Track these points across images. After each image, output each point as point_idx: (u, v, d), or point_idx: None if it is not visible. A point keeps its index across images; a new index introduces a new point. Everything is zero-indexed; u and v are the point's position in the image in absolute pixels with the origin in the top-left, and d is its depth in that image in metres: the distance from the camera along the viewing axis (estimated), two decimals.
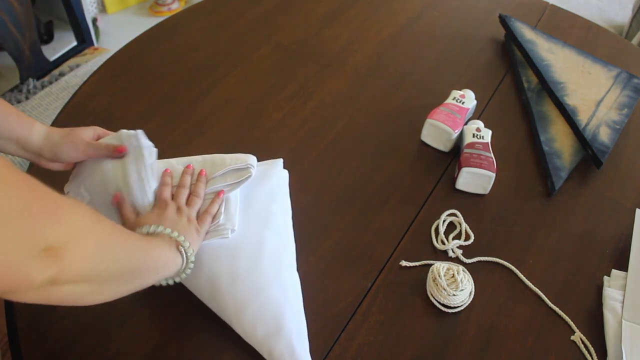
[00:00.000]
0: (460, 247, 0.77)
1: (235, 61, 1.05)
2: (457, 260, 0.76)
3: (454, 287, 0.69)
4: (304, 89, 1.00)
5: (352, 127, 0.94)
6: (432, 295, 0.70)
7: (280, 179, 0.77)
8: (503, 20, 1.15)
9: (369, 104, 0.99)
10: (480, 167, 0.82)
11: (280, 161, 0.79)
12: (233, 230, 0.66)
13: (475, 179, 0.83)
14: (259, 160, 0.75)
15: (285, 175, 0.79)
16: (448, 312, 0.70)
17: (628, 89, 1.04)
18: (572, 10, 1.34)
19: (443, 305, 0.70)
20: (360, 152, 0.90)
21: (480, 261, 0.76)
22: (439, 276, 0.70)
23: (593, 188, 0.89)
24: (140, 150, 0.67)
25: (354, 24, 1.17)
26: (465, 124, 0.91)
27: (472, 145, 0.85)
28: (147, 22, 2.24)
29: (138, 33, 1.10)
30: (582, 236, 0.81)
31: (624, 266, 0.76)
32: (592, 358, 0.67)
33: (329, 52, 1.09)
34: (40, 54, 1.74)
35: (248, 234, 0.68)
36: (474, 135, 0.87)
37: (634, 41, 1.92)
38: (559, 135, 0.94)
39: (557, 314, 0.71)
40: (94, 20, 2.17)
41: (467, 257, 0.76)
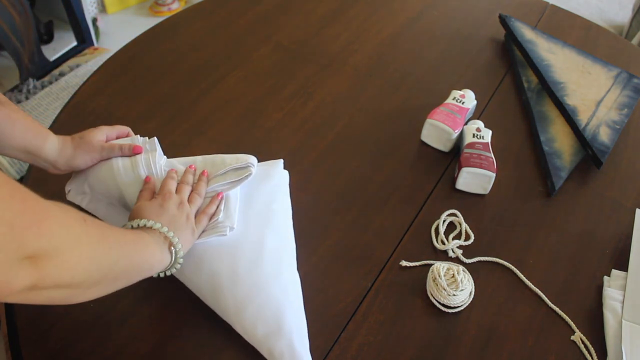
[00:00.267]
0: (460, 247, 0.77)
1: (235, 61, 1.05)
2: (457, 260, 0.76)
3: (454, 287, 0.69)
4: (304, 89, 1.00)
5: (352, 127, 0.94)
6: (432, 295, 0.71)
7: (281, 179, 0.77)
8: (503, 20, 1.15)
9: (369, 104, 0.99)
10: (480, 167, 0.82)
11: (281, 162, 0.79)
12: (232, 228, 0.66)
13: (475, 179, 0.83)
14: (259, 161, 0.75)
15: (285, 175, 0.79)
16: (448, 312, 0.70)
17: (628, 89, 1.04)
18: (572, 10, 1.34)
19: (443, 305, 0.70)
20: (360, 152, 0.90)
21: (480, 261, 0.76)
22: (439, 276, 0.70)
23: (593, 188, 0.89)
24: (153, 151, 0.69)
25: (354, 24, 1.17)
26: (465, 124, 0.91)
27: (472, 145, 0.85)
28: (147, 22, 2.24)
29: (138, 33, 1.10)
30: (582, 236, 0.81)
31: (624, 266, 0.76)
32: (592, 358, 0.67)
33: (329, 52, 1.09)
34: (40, 54, 1.74)
35: (248, 233, 0.68)
36: (474, 135, 0.87)
37: (634, 41, 1.92)
38: (559, 135, 0.94)
39: (557, 314, 0.71)
40: (94, 20, 2.17)
41: (467, 257, 0.76)
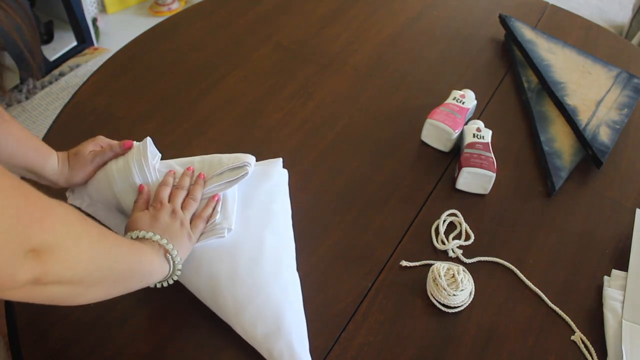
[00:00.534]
0: (460, 247, 0.77)
1: (235, 61, 1.05)
2: (457, 260, 0.76)
3: (454, 287, 0.69)
4: (304, 89, 1.00)
5: (352, 127, 0.94)
6: (432, 295, 0.70)
7: (280, 178, 0.77)
8: (503, 20, 1.15)
9: (369, 104, 0.99)
10: (481, 167, 0.82)
11: (280, 160, 0.79)
12: (230, 229, 0.66)
13: (475, 179, 0.83)
14: (258, 160, 0.75)
15: (284, 174, 0.79)
16: (448, 312, 0.70)
17: (628, 89, 1.04)
18: (572, 10, 1.34)
19: (443, 305, 0.70)
20: (360, 152, 0.90)
21: (480, 261, 0.76)
22: (439, 276, 0.70)
23: (593, 188, 0.89)
24: (145, 152, 0.68)
25: (354, 24, 1.17)
26: (466, 124, 0.91)
27: (472, 145, 0.85)
28: (147, 22, 2.24)
29: (138, 33, 1.10)
30: (582, 236, 0.81)
31: (624, 266, 0.76)
32: (592, 358, 0.67)
33: (329, 52, 1.09)
34: (40, 54, 1.74)
35: (248, 233, 0.68)
36: (474, 135, 0.87)
37: (634, 41, 1.92)
38: (559, 135, 0.94)
39: (557, 314, 0.71)
40: (94, 20, 2.17)
41: (467, 257, 0.76)
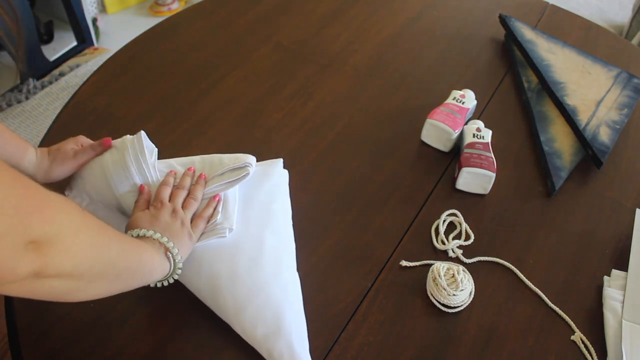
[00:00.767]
0: (460, 247, 0.77)
1: (235, 61, 1.05)
2: (457, 260, 0.76)
3: (454, 287, 0.69)
4: (304, 89, 1.00)
5: (352, 127, 0.94)
6: (432, 295, 0.70)
7: (280, 178, 0.77)
8: (503, 20, 1.15)
9: (369, 104, 0.99)
10: (481, 167, 0.82)
11: (280, 161, 0.79)
12: (231, 229, 0.66)
13: (475, 179, 0.83)
14: (258, 161, 0.75)
15: (285, 174, 0.79)
16: (448, 312, 0.70)
17: (628, 89, 1.04)
18: (572, 10, 1.34)
19: (443, 305, 0.70)
20: (360, 152, 0.90)
21: (480, 261, 0.76)
22: (439, 276, 0.70)
23: (593, 188, 0.89)
24: (141, 149, 0.68)
25: (354, 24, 1.17)
26: (466, 124, 0.91)
27: (472, 145, 0.85)
28: (147, 22, 2.25)
29: (138, 33, 1.10)
30: (582, 236, 0.81)
31: (624, 266, 0.76)
32: (592, 358, 0.67)
33: (329, 52, 1.09)
34: (40, 54, 1.74)
35: (248, 233, 0.68)
36: (474, 135, 0.87)
37: (634, 41, 1.92)
38: (559, 135, 0.94)
39: (557, 314, 0.71)
40: (94, 20, 2.17)
41: (467, 257, 0.76)
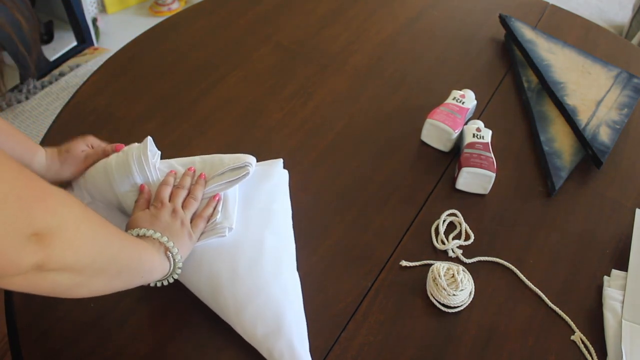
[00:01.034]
0: (460, 247, 0.77)
1: (235, 61, 1.05)
2: (457, 260, 0.76)
3: (454, 287, 0.69)
4: (304, 89, 1.00)
5: (352, 127, 0.94)
6: (432, 295, 0.71)
7: (281, 178, 0.77)
8: (503, 20, 1.15)
9: (369, 104, 0.99)
10: (481, 167, 0.82)
11: (280, 161, 0.79)
12: (230, 228, 0.66)
13: (475, 179, 0.83)
14: (259, 161, 0.75)
15: (285, 175, 0.79)
16: (448, 312, 0.70)
17: (628, 89, 1.04)
18: (572, 10, 1.34)
19: (443, 305, 0.70)
20: (360, 152, 0.90)
21: (480, 261, 0.76)
22: (439, 276, 0.70)
23: (593, 188, 0.89)
24: (145, 151, 0.68)
25: (354, 24, 1.17)
26: (465, 124, 0.91)
27: (472, 145, 0.85)
28: (147, 22, 2.25)
29: (138, 33, 1.10)
30: (582, 236, 0.81)
31: (624, 266, 0.76)
32: (592, 358, 0.67)
33: (329, 52, 1.09)
34: (41, 54, 1.74)
35: (248, 233, 0.68)
36: (474, 135, 0.87)
37: (634, 41, 1.92)
38: (559, 135, 0.94)
39: (557, 314, 0.71)
40: (94, 20, 2.17)
41: (467, 257, 0.76)
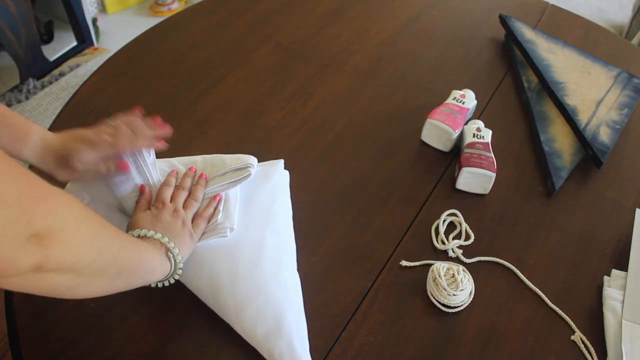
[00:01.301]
0: (460, 247, 0.77)
1: (235, 61, 1.05)
2: (457, 260, 0.76)
3: (454, 287, 0.69)
4: (304, 89, 1.00)
5: (352, 127, 0.94)
6: (432, 295, 0.70)
7: (281, 179, 0.77)
8: (503, 20, 1.15)
9: (369, 104, 0.99)
10: (481, 167, 0.82)
11: (281, 162, 0.79)
12: (232, 229, 0.67)
13: (475, 179, 0.83)
14: (259, 161, 0.76)
15: (286, 175, 0.79)
16: (448, 312, 0.70)
17: (628, 89, 1.04)
18: (572, 10, 1.34)
19: (443, 305, 0.70)
20: (360, 152, 0.90)
21: (480, 261, 0.76)
22: (439, 276, 0.70)
23: (593, 188, 0.89)
24: (140, 151, 0.68)
25: (354, 24, 1.17)
26: (466, 123, 0.91)
27: (472, 145, 0.85)
28: (147, 22, 2.24)
29: (138, 33, 1.10)
30: (582, 236, 0.81)
31: (624, 266, 0.76)
32: (592, 358, 0.67)
33: (329, 52, 1.09)
34: (40, 54, 1.74)
35: (248, 233, 0.68)
36: (474, 135, 0.87)
37: (634, 41, 1.92)
38: (559, 135, 0.94)
39: (557, 314, 0.71)
40: (94, 20, 2.17)
41: (467, 257, 0.76)
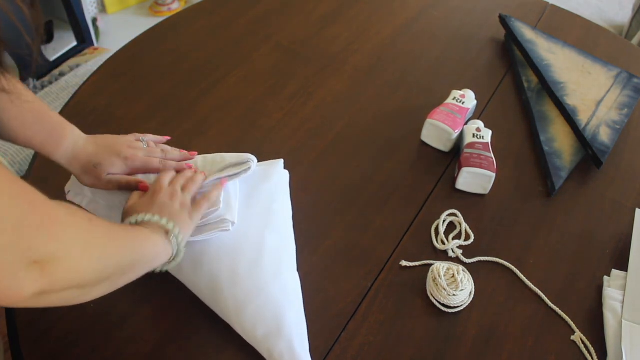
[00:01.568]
0: (460, 247, 0.77)
1: (235, 61, 1.05)
2: (457, 260, 0.76)
3: (454, 287, 0.69)
4: (304, 89, 1.00)
5: (352, 127, 0.94)
6: (432, 295, 0.70)
7: (281, 178, 0.77)
8: (503, 20, 1.15)
9: (369, 104, 0.99)
10: (481, 167, 0.82)
11: (281, 161, 0.79)
12: (233, 223, 0.66)
13: (475, 179, 0.83)
14: (259, 161, 0.76)
15: (285, 175, 0.79)
16: (448, 312, 0.70)
17: (628, 89, 1.04)
18: (572, 10, 1.34)
19: (443, 305, 0.70)
20: (360, 152, 0.90)
21: (480, 261, 0.76)
22: (439, 276, 0.70)
23: (593, 188, 0.89)
24: None
25: (354, 24, 1.17)
26: (466, 124, 0.91)
27: (472, 145, 0.85)
28: (147, 22, 2.24)
29: (138, 33, 1.10)
30: (582, 236, 0.81)
31: (624, 266, 0.76)
32: (592, 358, 0.67)
33: (329, 52, 1.09)
34: (41, 54, 1.74)
35: (249, 233, 0.68)
36: (474, 135, 0.87)
37: (634, 41, 1.92)
38: (559, 135, 0.94)
39: (557, 314, 0.71)
40: (94, 20, 2.17)
41: (467, 257, 0.76)
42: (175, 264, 0.60)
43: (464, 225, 0.80)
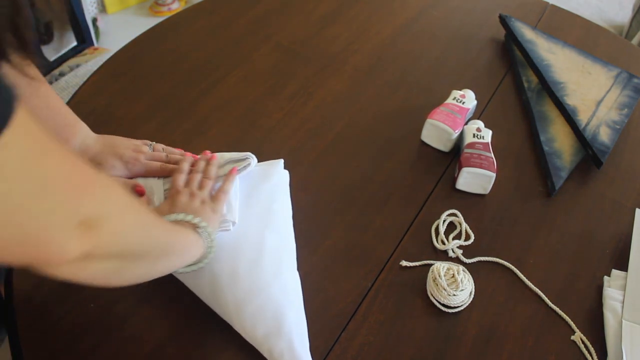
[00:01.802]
0: (460, 247, 0.77)
1: (235, 61, 1.05)
2: (457, 260, 0.76)
3: (454, 287, 0.69)
4: (304, 89, 1.00)
5: (352, 127, 0.94)
6: (432, 295, 0.71)
7: (281, 178, 0.77)
8: (503, 20, 1.15)
9: (369, 104, 0.99)
10: (481, 167, 0.82)
11: (281, 161, 0.79)
12: (234, 223, 0.67)
13: (475, 179, 0.83)
14: (259, 161, 0.76)
15: (285, 175, 0.79)
16: (448, 312, 0.70)
17: (628, 89, 1.04)
18: (572, 10, 1.34)
19: (443, 305, 0.70)
20: (360, 152, 0.90)
21: (480, 261, 0.76)
22: (439, 276, 0.70)
23: (593, 188, 0.89)
24: None
25: (354, 24, 1.17)
26: (466, 124, 0.91)
27: (472, 145, 0.85)
28: (147, 22, 2.24)
29: (138, 33, 1.10)
30: (582, 236, 0.81)
31: (624, 266, 0.76)
32: (592, 358, 0.67)
33: (329, 52, 1.09)
34: (40, 54, 1.74)
35: (249, 233, 0.68)
36: (474, 135, 0.87)
37: (634, 41, 1.92)
38: (559, 135, 0.94)
39: (557, 314, 0.71)
40: (94, 20, 2.17)
41: (467, 257, 0.76)
42: (210, 257, 0.62)
43: (464, 225, 0.80)
